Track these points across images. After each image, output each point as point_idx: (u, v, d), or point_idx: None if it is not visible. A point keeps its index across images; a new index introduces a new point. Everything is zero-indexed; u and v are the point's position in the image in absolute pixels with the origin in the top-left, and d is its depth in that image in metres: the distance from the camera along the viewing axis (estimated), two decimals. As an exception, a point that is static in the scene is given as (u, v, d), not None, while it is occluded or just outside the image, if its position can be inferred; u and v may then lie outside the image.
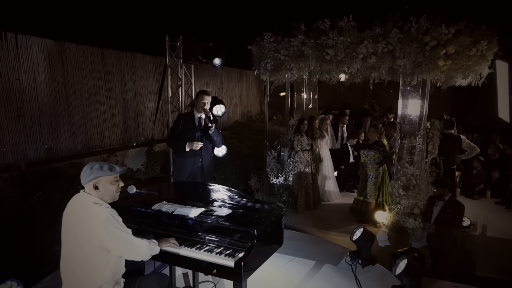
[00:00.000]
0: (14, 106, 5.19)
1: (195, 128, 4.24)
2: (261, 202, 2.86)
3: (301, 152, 6.48)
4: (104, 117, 6.66)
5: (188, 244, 2.48)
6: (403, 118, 5.54)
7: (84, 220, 2.11)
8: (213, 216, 2.55)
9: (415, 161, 5.51)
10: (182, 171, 4.21)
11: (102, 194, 2.22)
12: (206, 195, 3.32)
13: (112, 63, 6.76)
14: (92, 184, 2.18)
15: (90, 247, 2.10)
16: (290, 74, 6.10)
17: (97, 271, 2.12)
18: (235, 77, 11.41)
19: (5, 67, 5.02)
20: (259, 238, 2.33)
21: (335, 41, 5.30)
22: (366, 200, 5.93)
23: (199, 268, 2.41)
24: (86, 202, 2.17)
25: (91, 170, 2.19)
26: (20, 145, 5.30)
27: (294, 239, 4.68)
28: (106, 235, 2.10)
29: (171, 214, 2.63)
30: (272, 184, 6.69)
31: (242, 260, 2.19)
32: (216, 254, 2.33)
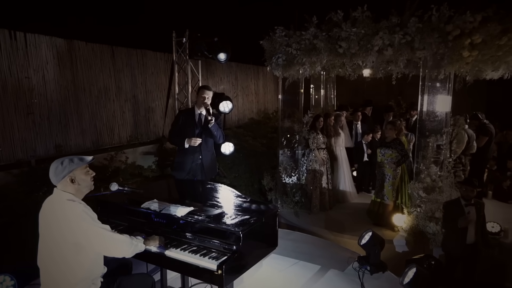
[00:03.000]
0: (24, 104, 5.39)
1: (195, 125, 4.23)
2: (255, 202, 2.78)
3: (316, 151, 6.35)
4: (114, 114, 6.80)
5: (174, 244, 2.44)
6: (428, 115, 5.27)
7: (60, 217, 2.11)
8: (200, 215, 2.49)
9: (440, 161, 5.25)
10: (181, 168, 4.21)
11: (80, 187, 2.22)
12: (199, 194, 3.28)
13: (122, 60, 6.89)
14: (69, 179, 2.19)
15: (65, 244, 2.09)
16: (302, 69, 5.97)
17: (72, 270, 2.11)
18: (251, 74, 11.36)
19: (14, 66, 5.22)
20: (245, 239, 2.26)
21: (348, 33, 5.13)
22: (384, 202, 5.73)
23: (183, 270, 2.37)
24: (60, 199, 2.17)
25: (63, 166, 2.19)
26: (29, 141, 5.49)
27: (300, 242, 4.57)
28: (80, 231, 2.09)
29: (159, 213, 2.60)
30: (285, 183, 6.61)
31: (224, 263, 2.12)
32: (200, 256, 2.27)
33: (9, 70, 5.14)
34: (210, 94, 4.21)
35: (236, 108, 10.83)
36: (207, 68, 9.32)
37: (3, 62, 5.07)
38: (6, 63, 5.11)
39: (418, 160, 5.37)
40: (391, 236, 5.37)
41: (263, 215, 2.53)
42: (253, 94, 11.65)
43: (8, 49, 5.11)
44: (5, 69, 5.09)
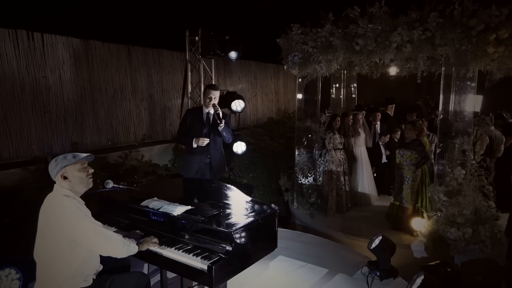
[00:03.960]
0: (41, 103, 5.61)
1: (203, 124, 4.22)
2: (256, 202, 2.75)
3: (333, 151, 6.24)
4: (130, 113, 6.96)
5: (169, 243, 2.45)
6: (455, 115, 5.05)
7: (58, 212, 2.16)
8: (197, 215, 2.49)
9: (466, 164, 5.02)
10: (189, 167, 4.22)
11: (73, 184, 2.26)
12: (201, 193, 3.28)
13: (138, 60, 7.04)
14: (61, 175, 2.23)
15: (62, 238, 2.14)
16: (318, 67, 5.88)
17: (67, 263, 2.16)
18: (270, 73, 11.31)
19: (32, 65, 5.45)
20: (238, 240, 2.23)
21: (364, 30, 4.99)
22: (402, 205, 5.55)
23: (176, 270, 2.36)
24: (57, 195, 2.23)
25: (56, 162, 2.24)
26: (46, 139, 5.70)
27: (310, 244, 4.49)
28: (76, 225, 2.13)
29: (156, 211, 2.62)
30: (301, 184, 6.54)
31: (215, 263, 2.10)
32: (193, 256, 2.26)
33: (26, 70, 5.37)
34: (217, 94, 4.17)
35: (255, 107, 10.82)
36: (225, 67, 9.36)
37: (21, 62, 5.31)
38: (24, 63, 5.34)
39: (440, 162, 5.16)
40: (410, 241, 5.20)
41: (259, 216, 2.50)
42: (273, 93, 11.60)
43: (26, 49, 5.34)
44: (23, 69, 5.33)
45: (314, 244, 4.51)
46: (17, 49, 5.25)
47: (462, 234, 4.72)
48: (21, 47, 5.28)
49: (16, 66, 5.26)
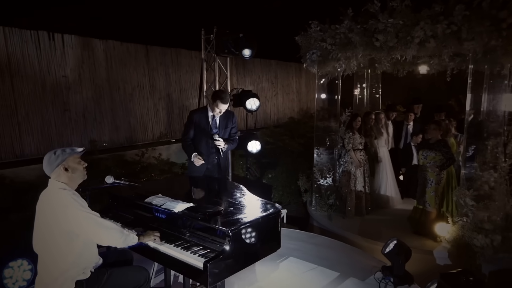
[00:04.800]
0: (61, 101, 5.85)
1: (209, 126, 4.17)
2: (260, 201, 2.72)
3: (352, 152, 6.10)
4: (148, 112, 7.12)
5: (169, 239, 2.45)
6: (488, 115, 4.80)
7: (55, 205, 2.22)
8: (197, 212, 2.48)
9: (498, 166, 4.77)
10: (197, 170, 4.14)
11: (72, 175, 2.34)
12: (206, 191, 3.28)
13: (156, 59, 7.18)
14: (62, 167, 2.30)
15: (59, 231, 2.19)
16: (337, 65, 5.78)
17: (63, 256, 2.21)
18: (292, 72, 11.24)
19: (52, 65, 5.69)
20: (235, 239, 2.21)
21: (385, 25, 4.84)
22: (426, 209, 5.34)
23: (175, 267, 2.36)
24: (54, 189, 2.29)
25: (56, 155, 2.31)
26: (66, 137, 5.94)
27: (323, 246, 4.40)
28: (72, 216, 2.19)
29: (159, 208, 2.64)
30: (320, 185, 6.44)
31: (211, 261, 2.09)
32: (191, 253, 2.26)
33: (47, 70, 5.62)
34: (225, 107, 4.13)
35: (275, 107, 10.78)
36: (244, 66, 9.39)
37: (43, 62, 5.55)
38: (45, 63, 5.59)
39: (469, 164, 4.91)
40: (432, 246, 5.01)
41: (261, 215, 2.46)
42: (294, 92, 11.51)
43: (47, 49, 5.59)
44: (44, 68, 5.58)
45: (327, 247, 4.42)
46: (38, 49, 5.52)
47: (490, 242, 4.49)
48: (42, 47, 5.53)
49: (37, 66, 5.52)
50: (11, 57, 5.28)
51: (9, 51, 5.26)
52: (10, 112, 5.36)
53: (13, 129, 5.39)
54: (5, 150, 5.26)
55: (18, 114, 5.43)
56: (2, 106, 5.30)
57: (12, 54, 5.30)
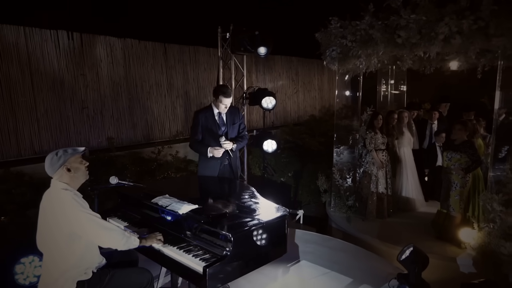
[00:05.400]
0: (79, 99, 6.01)
1: (217, 125, 4.10)
2: (268, 204, 2.67)
3: (374, 152, 5.94)
4: (165, 109, 7.20)
5: (173, 241, 2.45)
6: None
7: (56, 206, 2.25)
8: (201, 214, 2.46)
9: None
10: (207, 172, 4.09)
11: (75, 176, 2.35)
12: (214, 192, 3.26)
13: (175, 57, 7.25)
14: (65, 168, 2.32)
15: (59, 232, 2.22)
16: (358, 62, 5.63)
17: (63, 257, 2.23)
18: (314, 69, 11.07)
19: (71, 64, 5.86)
20: (237, 244, 2.16)
21: (407, 21, 4.66)
22: (450, 214, 5.13)
23: (177, 270, 2.34)
24: (56, 189, 2.31)
25: (58, 156, 2.33)
26: (83, 134, 6.09)
27: (338, 250, 4.29)
28: (74, 217, 2.20)
29: (164, 209, 2.63)
30: (339, 185, 6.32)
31: (210, 266, 2.05)
32: (192, 256, 2.24)
33: (66, 68, 5.79)
34: (229, 101, 4.06)
35: (296, 104, 10.67)
36: (264, 64, 9.33)
37: (61, 60, 5.72)
38: (64, 62, 5.75)
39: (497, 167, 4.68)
40: (456, 253, 4.80)
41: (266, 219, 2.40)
42: (316, 90, 11.35)
43: (66, 48, 5.75)
44: (63, 67, 5.74)
45: (342, 250, 4.31)
46: (58, 48, 5.69)
47: (520, 250, 4.25)
48: (61, 46, 5.71)
49: (56, 64, 5.69)
50: (31, 56, 5.47)
51: (30, 50, 5.44)
52: (30, 109, 5.55)
53: (32, 126, 5.59)
54: (25, 147, 5.46)
55: (37, 111, 5.61)
56: (22, 103, 5.49)
57: (32, 53, 5.49)
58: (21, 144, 5.47)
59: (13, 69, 5.36)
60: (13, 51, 5.33)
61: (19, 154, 5.32)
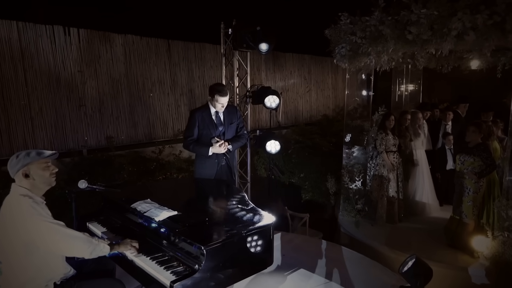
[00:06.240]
0: (76, 96, 5.92)
1: (214, 124, 3.99)
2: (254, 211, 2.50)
3: (384, 154, 5.72)
4: (169, 108, 7.08)
5: (148, 251, 2.31)
6: None
7: (14, 213, 2.11)
8: (178, 222, 2.30)
9: None
10: (206, 173, 3.98)
11: (35, 182, 2.20)
12: (199, 196, 3.11)
13: (179, 54, 7.12)
14: (22, 173, 2.17)
15: (17, 241, 2.09)
16: (368, 59, 5.42)
17: (22, 268, 2.11)
18: (328, 67, 10.82)
19: (68, 60, 5.78)
20: (211, 257, 2.00)
21: (417, 16, 4.43)
22: (462, 220, 4.88)
23: (146, 283, 2.17)
24: (14, 194, 2.17)
25: (17, 159, 2.17)
26: (81, 132, 6.00)
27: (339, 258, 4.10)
28: (32, 226, 2.06)
29: (142, 214, 2.49)
30: (348, 188, 6.13)
31: (179, 281, 1.91)
32: (164, 269, 2.09)
33: (62, 64, 5.72)
34: (226, 100, 3.96)
35: (308, 103, 10.46)
36: (274, 61, 9.15)
37: (57, 56, 5.65)
38: (60, 58, 5.68)
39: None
40: (468, 262, 4.58)
41: (246, 228, 2.24)
42: (330, 89, 11.10)
43: (62, 44, 5.67)
44: (59, 63, 5.67)
45: (344, 259, 4.12)
46: (53, 44, 5.61)
47: None
48: (57, 42, 5.63)
49: (52, 60, 5.61)
50: (24, 52, 5.38)
51: (23, 45, 5.35)
52: (23, 107, 5.47)
53: (25, 124, 5.51)
54: (17, 145, 5.39)
55: (31, 108, 5.54)
56: (15, 101, 5.41)
57: (26, 49, 5.39)
58: (13, 143, 5.41)
59: (5, 65, 5.28)
60: (5, 47, 5.25)
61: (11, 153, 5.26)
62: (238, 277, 2.21)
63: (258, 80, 8.78)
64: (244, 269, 2.25)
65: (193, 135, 3.97)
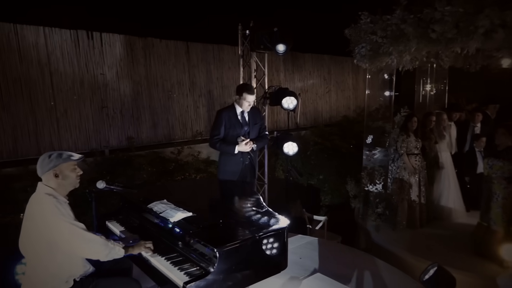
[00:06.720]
0: (99, 98, 6.14)
1: (240, 124, 4.11)
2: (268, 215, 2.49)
3: (405, 156, 5.58)
4: (187, 109, 7.22)
5: (163, 251, 2.34)
6: None
7: (36, 211, 2.20)
8: (192, 224, 2.32)
9: None
10: (230, 171, 4.09)
11: (62, 183, 2.29)
12: (214, 198, 3.12)
13: (197, 56, 7.26)
14: (53, 173, 2.26)
15: (39, 239, 2.16)
16: (389, 59, 5.31)
17: (43, 266, 2.18)
18: (348, 67, 10.70)
19: (91, 63, 6.01)
20: (224, 259, 2.01)
21: (442, 13, 4.30)
22: (491, 227, 4.70)
23: (160, 282, 2.20)
24: (40, 193, 2.26)
25: (49, 159, 2.27)
26: (103, 133, 6.21)
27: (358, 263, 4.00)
28: (54, 225, 2.14)
29: (158, 215, 2.53)
30: (368, 191, 6.02)
31: (191, 282, 1.92)
32: (178, 269, 2.11)
33: (86, 67, 5.94)
34: (253, 98, 4.13)
35: (328, 104, 10.37)
36: (293, 62, 9.13)
37: (81, 60, 5.87)
38: (83, 61, 5.91)
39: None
40: (497, 272, 4.38)
41: (258, 231, 2.24)
42: (351, 89, 10.97)
43: (86, 48, 5.90)
44: (83, 66, 5.90)
45: (362, 263, 4.03)
46: (77, 48, 5.85)
47: None
48: (81, 46, 5.87)
49: (76, 64, 5.85)
50: (50, 56, 5.63)
51: (49, 50, 5.60)
52: (50, 109, 5.72)
53: (51, 125, 5.76)
54: (44, 146, 5.62)
55: (57, 110, 5.78)
56: (42, 103, 5.66)
57: (52, 53, 5.65)
58: (40, 143, 5.65)
59: (33, 69, 5.53)
60: (33, 52, 5.50)
61: (38, 153, 5.50)
62: (251, 279, 2.20)
63: (277, 81, 8.79)
64: (257, 272, 2.24)
65: (219, 134, 4.08)
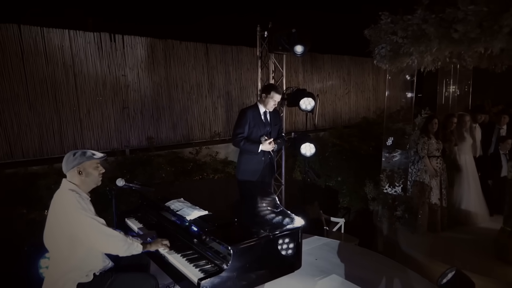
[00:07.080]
0: (120, 99, 6.32)
1: (263, 124, 4.18)
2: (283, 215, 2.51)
3: (426, 159, 5.50)
4: (206, 110, 7.33)
5: (179, 248, 2.40)
6: None
7: (59, 206, 2.29)
8: (207, 222, 2.38)
9: None
10: (250, 170, 4.13)
11: (85, 180, 2.40)
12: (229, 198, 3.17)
13: (216, 57, 7.35)
14: (77, 170, 2.37)
15: (61, 234, 2.25)
16: (410, 60, 5.25)
17: (64, 259, 2.26)
18: (368, 68, 10.58)
19: (113, 65, 6.19)
20: (238, 257, 2.05)
21: (464, 13, 4.22)
22: (514, 232, 4.59)
23: (176, 278, 2.26)
24: (64, 188, 2.35)
25: (74, 157, 2.38)
26: (124, 133, 6.39)
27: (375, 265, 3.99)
28: (75, 220, 2.23)
29: (174, 213, 2.60)
30: (387, 193, 5.95)
31: (205, 278, 1.97)
32: (193, 266, 2.17)
33: (108, 69, 6.11)
34: (279, 98, 4.20)
35: (347, 106, 10.29)
36: (312, 63, 9.10)
37: (104, 61, 6.06)
38: (106, 63, 6.09)
39: None
40: (522, 279, 4.27)
41: (272, 231, 2.26)
42: (371, 90, 10.84)
43: (108, 50, 6.09)
44: (105, 68, 6.08)
45: (380, 267, 4.00)
46: (100, 50, 6.03)
47: None
48: (104, 48, 6.05)
49: (99, 65, 6.03)
50: (75, 58, 5.84)
51: (74, 52, 5.82)
52: (73, 109, 5.93)
53: (75, 125, 5.97)
54: (68, 145, 5.84)
55: (80, 111, 5.99)
56: (66, 104, 5.88)
57: (76, 55, 5.86)
58: (64, 142, 5.86)
59: (58, 71, 5.75)
60: (59, 54, 5.72)
61: (62, 152, 5.70)
62: (265, 278, 2.24)
63: (295, 82, 8.79)
64: (271, 271, 2.27)
65: (244, 132, 4.13)
